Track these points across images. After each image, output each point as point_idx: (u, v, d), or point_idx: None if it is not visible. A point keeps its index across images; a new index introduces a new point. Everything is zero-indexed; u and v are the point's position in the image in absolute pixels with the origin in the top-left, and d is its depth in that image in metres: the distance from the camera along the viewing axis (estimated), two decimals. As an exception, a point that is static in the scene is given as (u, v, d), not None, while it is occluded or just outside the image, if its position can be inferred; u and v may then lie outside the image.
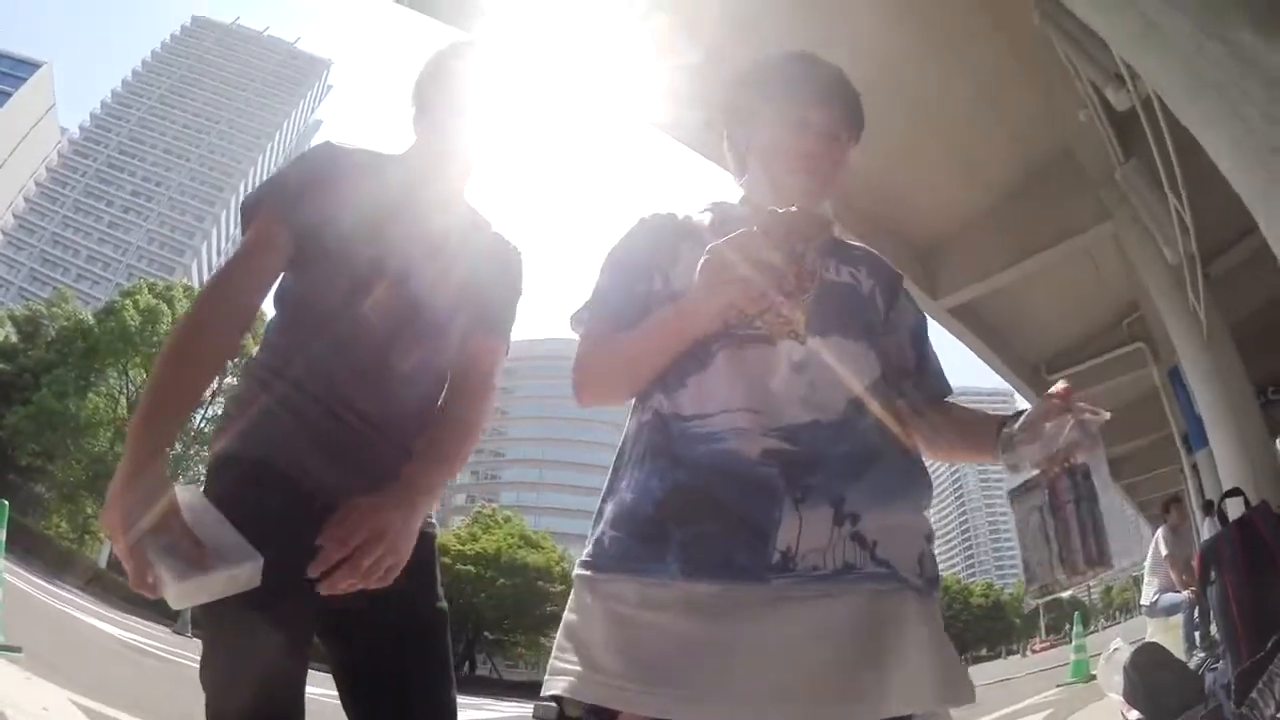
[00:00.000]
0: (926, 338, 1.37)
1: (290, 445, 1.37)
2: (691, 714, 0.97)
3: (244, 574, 1.14)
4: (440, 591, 1.51)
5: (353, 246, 1.42)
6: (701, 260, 1.08)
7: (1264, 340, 7.72)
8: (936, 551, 1.16)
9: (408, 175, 1.52)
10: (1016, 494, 1.23)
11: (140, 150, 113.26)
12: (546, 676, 1.07)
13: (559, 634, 1.11)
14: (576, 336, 1.28)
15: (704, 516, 1.04)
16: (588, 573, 1.10)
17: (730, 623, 1.00)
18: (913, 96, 6.25)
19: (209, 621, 1.36)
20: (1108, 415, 1.13)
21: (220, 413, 1.54)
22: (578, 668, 1.04)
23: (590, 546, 1.13)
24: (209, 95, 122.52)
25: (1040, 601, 1.23)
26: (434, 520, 1.55)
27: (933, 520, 1.20)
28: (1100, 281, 9.18)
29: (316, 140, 1.65)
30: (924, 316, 1.38)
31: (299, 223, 1.41)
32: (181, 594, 1.10)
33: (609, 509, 1.14)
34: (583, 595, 1.10)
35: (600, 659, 1.03)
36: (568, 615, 1.11)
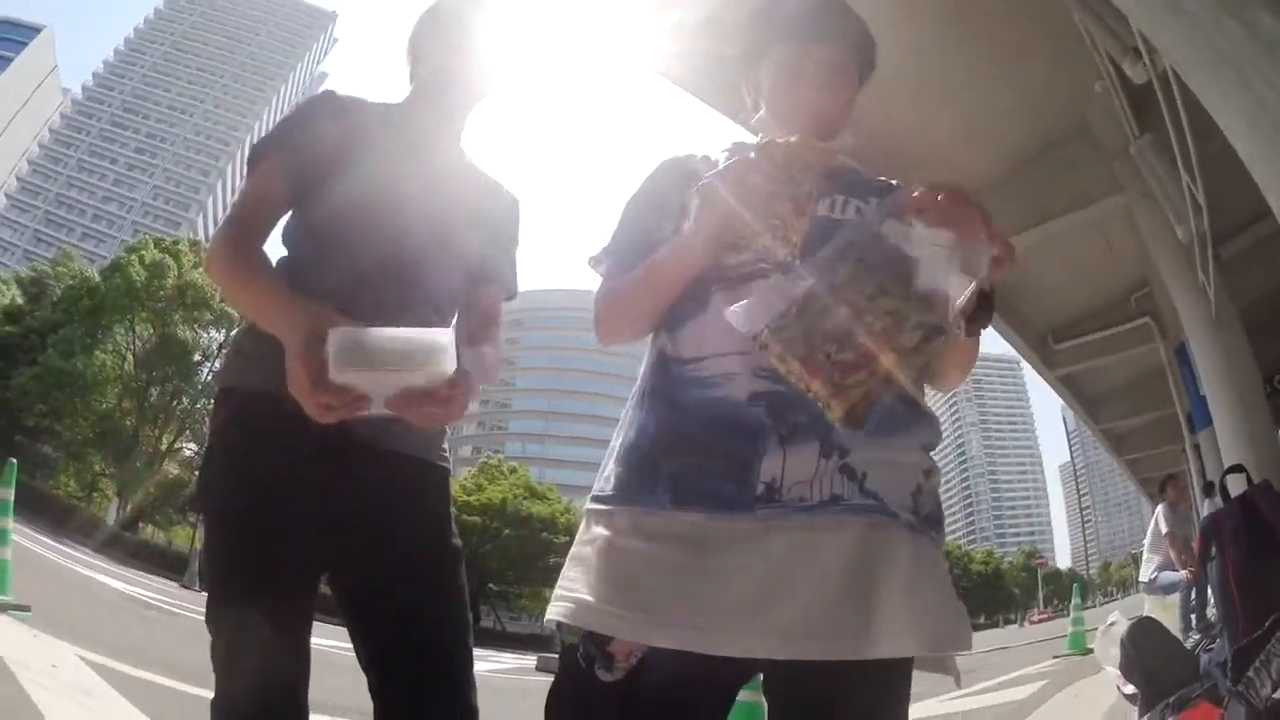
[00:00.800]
0: None
1: None
2: (674, 640, 0.98)
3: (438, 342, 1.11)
4: (454, 529, 1.51)
5: (354, 193, 1.43)
6: (697, 189, 1.10)
7: (1274, 327, 7.67)
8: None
9: (405, 123, 1.54)
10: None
11: (144, 108, 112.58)
12: (550, 603, 1.10)
13: (565, 564, 1.13)
14: (597, 277, 1.29)
15: (692, 451, 1.06)
16: (593, 505, 1.14)
17: (717, 552, 1.01)
18: (927, 62, 6.14)
19: (215, 561, 1.37)
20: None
21: (231, 348, 1.57)
22: (575, 594, 1.06)
23: (599, 481, 1.16)
24: (213, 50, 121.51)
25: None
26: (447, 455, 1.56)
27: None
28: (1110, 254, 9.11)
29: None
30: None
31: (300, 170, 1.43)
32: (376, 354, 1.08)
33: (616, 445, 1.17)
34: (588, 526, 1.13)
35: (595, 586, 1.04)
36: (574, 546, 1.14)
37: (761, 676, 1.11)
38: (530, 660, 15.97)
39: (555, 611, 1.06)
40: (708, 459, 1.05)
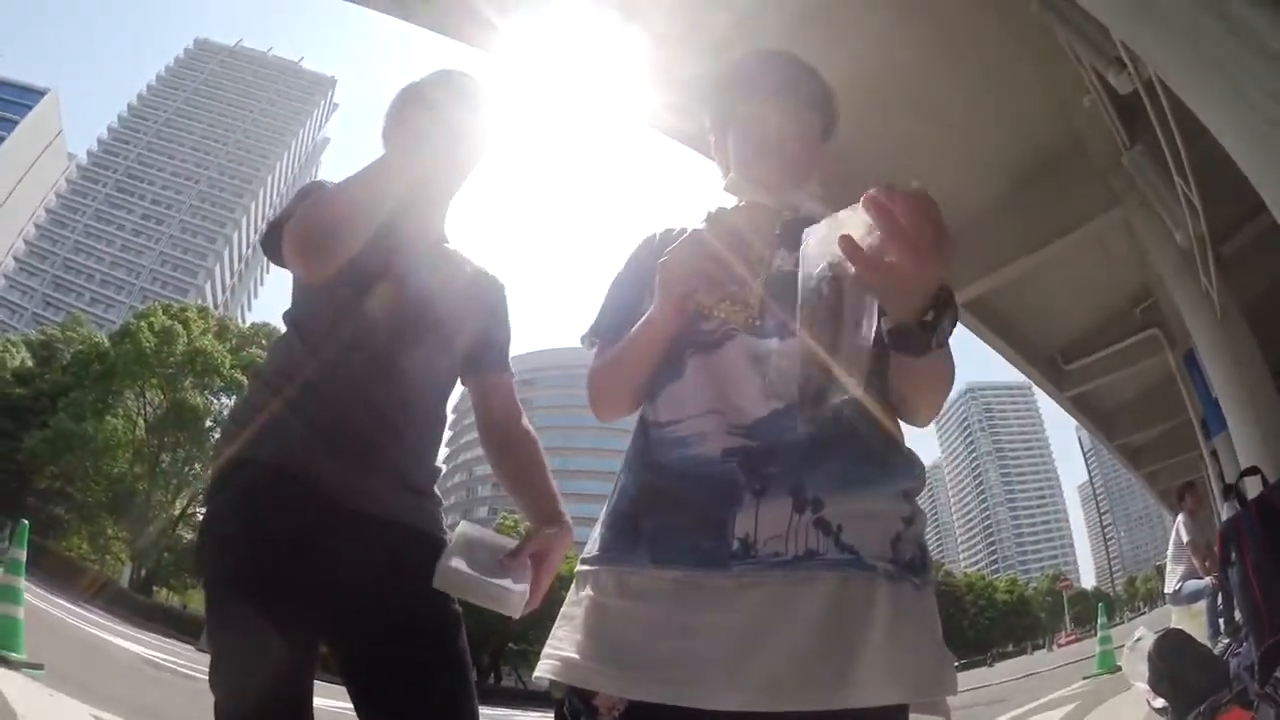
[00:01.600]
0: None
1: (304, 448, 1.39)
2: (651, 694, 1.01)
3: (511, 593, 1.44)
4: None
5: (339, 289, 1.45)
6: (658, 265, 1.16)
7: (1278, 319, 7.65)
8: (960, 547, 1.08)
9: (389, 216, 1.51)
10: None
11: (149, 174, 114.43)
12: (539, 660, 1.13)
13: (555, 623, 1.16)
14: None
15: (669, 510, 1.10)
16: (580, 566, 1.18)
17: (696, 609, 1.03)
18: (917, 91, 6.23)
19: (216, 625, 1.37)
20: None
21: (227, 418, 1.59)
22: (561, 652, 1.10)
23: (588, 543, 1.20)
24: (215, 117, 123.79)
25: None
26: (444, 529, 1.58)
27: (954, 515, 1.09)
28: (1111, 268, 9.11)
29: (326, 157, 1.70)
30: None
31: None
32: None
33: (604, 509, 1.22)
34: (576, 587, 1.17)
35: (580, 644, 1.09)
36: (564, 606, 1.17)
37: None
38: (550, 717, 15.75)
39: (543, 669, 1.10)
40: (684, 516, 1.08)
